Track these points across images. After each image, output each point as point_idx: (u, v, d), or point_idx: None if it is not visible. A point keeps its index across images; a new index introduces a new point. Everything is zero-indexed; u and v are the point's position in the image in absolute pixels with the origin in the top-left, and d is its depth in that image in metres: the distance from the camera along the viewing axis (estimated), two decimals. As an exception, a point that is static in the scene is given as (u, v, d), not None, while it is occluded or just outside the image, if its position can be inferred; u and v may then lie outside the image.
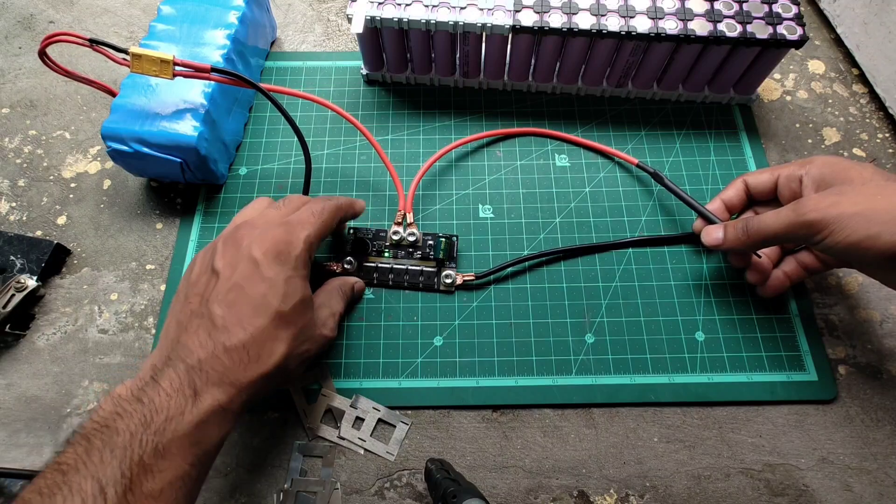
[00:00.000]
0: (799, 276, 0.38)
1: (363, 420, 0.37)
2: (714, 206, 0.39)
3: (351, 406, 0.37)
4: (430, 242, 0.41)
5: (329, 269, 0.40)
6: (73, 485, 0.23)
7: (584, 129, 0.46)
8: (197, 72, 0.38)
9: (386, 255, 0.41)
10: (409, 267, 0.40)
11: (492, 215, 0.43)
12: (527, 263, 0.41)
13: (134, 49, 0.36)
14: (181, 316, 0.30)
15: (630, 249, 0.42)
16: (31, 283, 0.39)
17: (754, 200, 0.39)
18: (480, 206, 0.43)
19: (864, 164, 0.33)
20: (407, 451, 0.36)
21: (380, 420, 0.37)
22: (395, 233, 0.41)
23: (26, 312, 0.40)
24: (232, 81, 0.39)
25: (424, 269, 0.40)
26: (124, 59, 0.37)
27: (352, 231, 0.42)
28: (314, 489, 0.35)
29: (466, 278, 0.40)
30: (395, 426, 0.37)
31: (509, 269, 0.41)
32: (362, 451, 0.36)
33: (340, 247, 0.41)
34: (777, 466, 0.36)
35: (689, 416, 0.37)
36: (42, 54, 0.37)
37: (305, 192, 0.40)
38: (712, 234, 0.37)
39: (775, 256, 0.39)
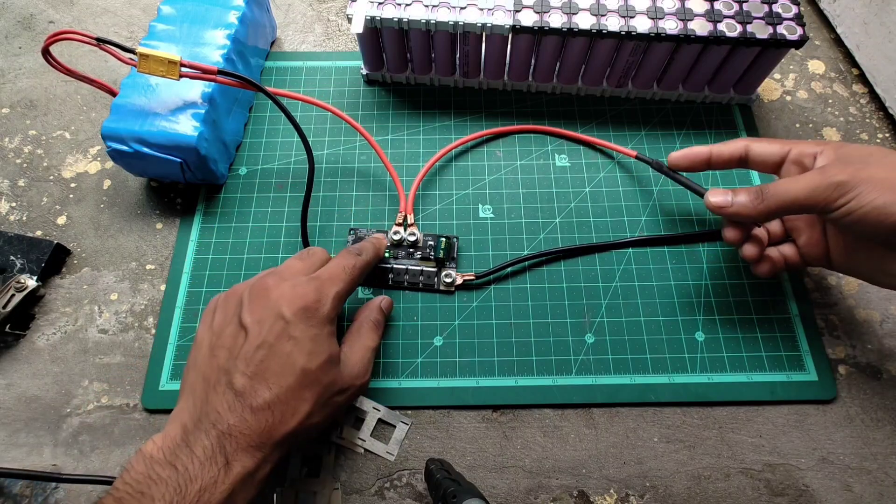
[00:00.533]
0: (781, 265, 0.38)
1: (363, 420, 0.37)
2: (699, 148, 0.38)
3: (351, 406, 0.37)
4: (431, 243, 0.41)
5: None
6: None
7: (585, 129, 0.46)
8: (204, 73, 0.38)
9: (386, 255, 0.41)
10: (410, 267, 0.40)
11: (492, 215, 0.43)
12: (527, 263, 0.41)
13: (141, 49, 0.37)
14: (207, 371, 0.30)
15: (630, 249, 0.42)
16: (31, 283, 0.39)
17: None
18: (480, 206, 0.43)
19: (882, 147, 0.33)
20: (407, 451, 0.36)
21: (380, 420, 0.37)
22: (396, 233, 0.41)
23: (26, 312, 0.40)
24: (239, 84, 0.39)
25: (424, 269, 0.40)
26: (131, 59, 0.37)
27: (352, 230, 0.42)
28: (314, 489, 0.35)
29: (466, 278, 0.40)
30: (395, 426, 0.37)
31: (509, 269, 0.41)
32: (362, 451, 0.36)
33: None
34: (777, 466, 0.36)
35: (689, 416, 0.37)
36: (45, 52, 0.37)
37: (308, 194, 0.40)
38: (719, 196, 0.34)
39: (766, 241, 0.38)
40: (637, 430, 0.37)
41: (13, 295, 0.38)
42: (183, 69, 0.37)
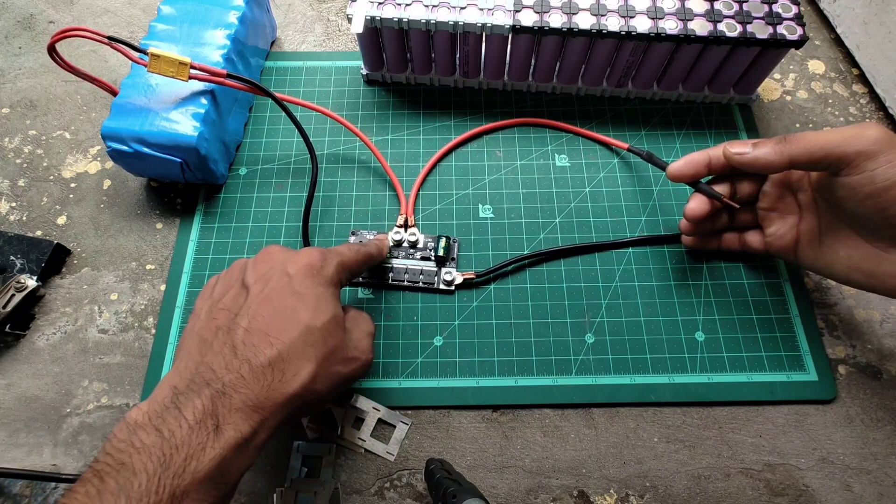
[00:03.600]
0: (734, 246, 0.40)
1: (363, 420, 0.37)
2: (698, 155, 0.37)
3: (351, 406, 0.37)
4: (431, 243, 0.41)
5: None
6: None
7: (585, 129, 0.46)
8: (213, 76, 0.38)
9: (388, 256, 0.41)
10: (410, 266, 0.40)
11: (492, 215, 0.43)
12: (527, 261, 0.41)
13: (153, 49, 0.37)
14: (205, 332, 0.28)
15: (630, 249, 0.42)
16: (31, 283, 0.39)
17: (737, 174, 0.37)
18: (480, 206, 0.43)
19: None
20: (407, 451, 0.36)
21: (380, 420, 0.37)
22: (397, 233, 0.41)
23: (26, 312, 0.40)
24: (247, 88, 0.40)
25: (424, 268, 0.40)
26: (142, 59, 0.38)
27: (353, 232, 0.42)
28: (314, 489, 0.35)
29: (466, 277, 0.40)
30: (395, 426, 0.37)
31: (510, 268, 0.41)
32: (362, 451, 0.36)
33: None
34: (777, 466, 0.36)
35: (689, 416, 0.37)
36: (52, 49, 0.38)
37: (311, 195, 0.41)
38: (738, 146, 0.34)
39: (726, 221, 0.39)
40: (637, 430, 0.37)
41: (13, 295, 0.38)
42: (192, 71, 0.38)
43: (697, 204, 0.37)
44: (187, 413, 0.24)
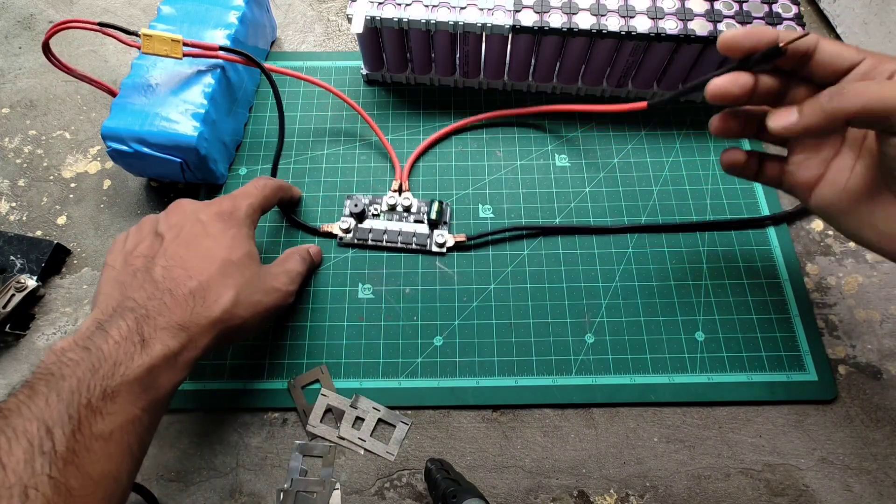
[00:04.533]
0: (753, 165, 0.33)
1: (363, 420, 0.37)
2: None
3: (351, 406, 0.37)
4: (424, 207, 0.42)
5: (324, 230, 0.42)
6: (17, 427, 0.23)
7: (584, 129, 0.46)
8: (205, 51, 0.39)
9: (381, 217, 0.42)
10: (403, 229, 0.42)
11: (492, 215, 0.43)
12: (524, 232, 0.41)
13: (144, 30, 0.38)
14: (122, 277, 0.30)
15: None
16: (31, 283, 0.39)
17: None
18: (480, 206, 0.43)
19: None
20: (407, 451, 0.36)
21: (380, 420, 0.37)
22: (391, 197, 0.42)
23: (26, 312, 0.40)
24: (240, 60, 0.41)
25: (417, 230, 0.41)
26: (134, 41, 0.38)
27: (348, 196, 0.43)
28: (314, 489, 0.35)
29: (458, 239, 0.41)
30: (395, 426, 0.37)
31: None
32: (362, 451, 0.36)
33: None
34: (777, 466, 0.36)
35: (689, 416, 0.37)
36: (46, 47, 0.38)
37: (275, 166, 0.43)
38: (784, 116, 0.27)
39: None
40: (637, 430, 0.37)
41: (13, 295, 0.38)
42: (185, 48, 0.39)
43: (728, 79, 0.29)
44: (113, 332, 0.26)
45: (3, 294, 0.38)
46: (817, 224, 0.43)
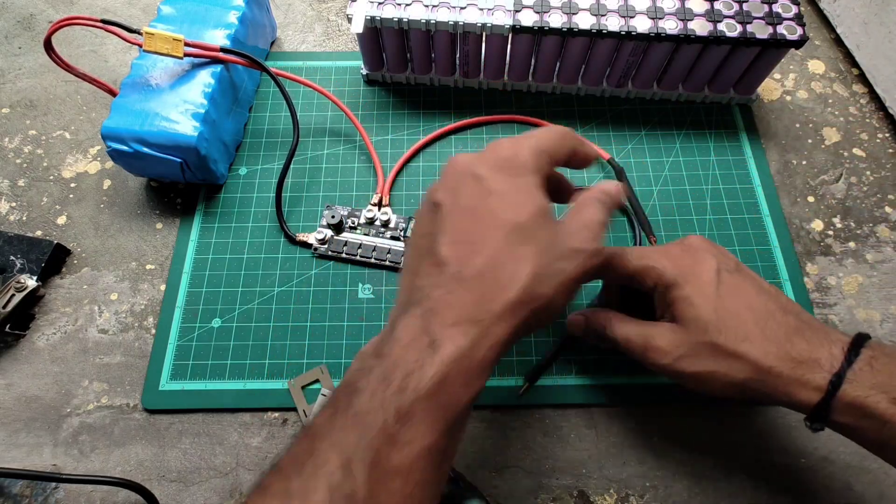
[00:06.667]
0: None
1: (363, 420, 0.37)
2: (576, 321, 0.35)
3: (351, 406, 0.37)
4: (402, 224, 0.42)
5: (299, 240, 0.42)
6: (319, 455, 0.21)
7: (584, 129, 0.46)
8: (206, 51, 0.39)
9: (357, 231, 0.41)
10: (378, 244, 0.41)
11: (492, 215, 0.43)
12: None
13: (147, 28, 0.38)
14: (411, 262, 0.26)
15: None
16: (31, 283, 0.39)
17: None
18: (480, 206, 0.43)
19: (707, 267, 0.30)
20: (407, 451, 0.36)
21: (380, 420, 0.37)
22: (370, 211, 0.42)
23: (26, 312, 0.40)
24: (241, 62, 0.41)
25: (392, 247, 0.41)
26: (136, 39, 0.38)
27: (328, 206, 0.43)
28: (314, 489, 0.35)
29: None
30: (395, 426, 0.37)
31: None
32: (362, 451, 0.36)
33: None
34: (777, 466, 0.36)
35: (689, 415, 0.37)
36: (48, 45, 0.38)
37: (286, 167, 0.42)
38: (573, 324, 0.35)
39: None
40: (637, 430, 0.37)
41: (13, 295, 0.38)
42: (187, 48, 0.39)
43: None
44: (400, 333, 0.23)
45: (3, 294, 0.38)
46: (817, 224, 0.43)
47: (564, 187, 0.31)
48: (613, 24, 0.40)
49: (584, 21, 0.40)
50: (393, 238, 0.42)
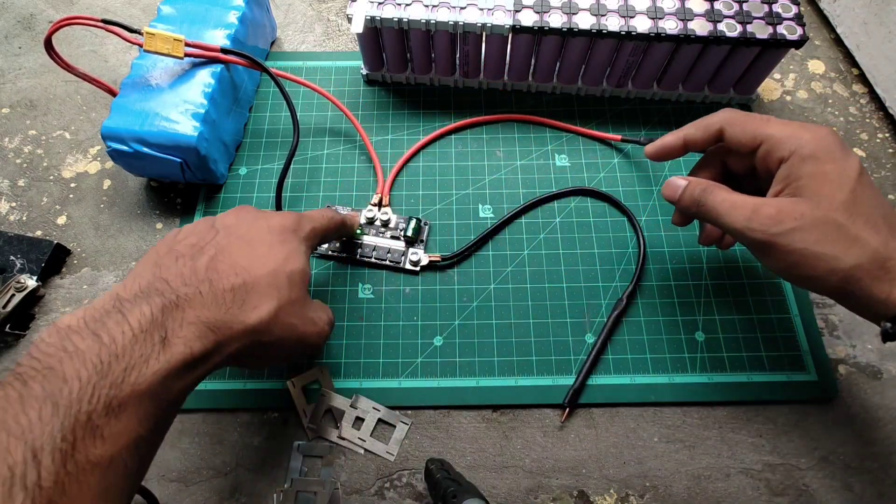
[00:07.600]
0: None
1: (363, 420, 0.37)
2: (672, 139, 0.36)
3: (351, 406, 0.37)
4: (402, 224, 0.42)
5: None
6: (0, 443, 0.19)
7: (577, 126, 0.46)
8: (207, 51, 0.40)
9: (358, 231, 0.41)
10: (378, 244, 0.41)
11: (492, 215, 0.43)
12: (489, 236, 0.41)
13: (148, 28, 0.38)
14: (163, 258, 0.26)
15: (630, 249, 0.42)
16: (31, 283, 0.39)
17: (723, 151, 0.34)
18: (480, 206, 0.43)
19: (853, 158, 0.29)
20: (407, 451, 0.36)
21: (380, 420, 0.37)
22: (370, 211, 0.42)
23: (26, 312, 0.40)
24: (242, 62, 0.41)
25: (392, 247, 0.41)
26: (137, 39, 0.39)
27: (328, 206, 0.43)
28: (314, 489, 0.35)
29: (433, 259, 0.40)
30: (395, 426, 0.37)
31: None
32: (362, 451, 0.36)
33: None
34: (777, 466, 0.36)
35: (689, 416, 0.37)
36: (48, 44, 0.38)
37: (286, 167, 0.42)
38: (671, 186, 0.33)
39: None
40: (637, 430, 0.37)
41: (13, 295, 0.38)
42: (187, 48, 0.39)
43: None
44: (132, 319, 0.22)
45: (3, 294, 0.38)
46: (817, 224, 0.43)
47: None
48: (613, 24, 0.40)
49: (584, 21, 0.40)
50: (393, 238, 0.42)
